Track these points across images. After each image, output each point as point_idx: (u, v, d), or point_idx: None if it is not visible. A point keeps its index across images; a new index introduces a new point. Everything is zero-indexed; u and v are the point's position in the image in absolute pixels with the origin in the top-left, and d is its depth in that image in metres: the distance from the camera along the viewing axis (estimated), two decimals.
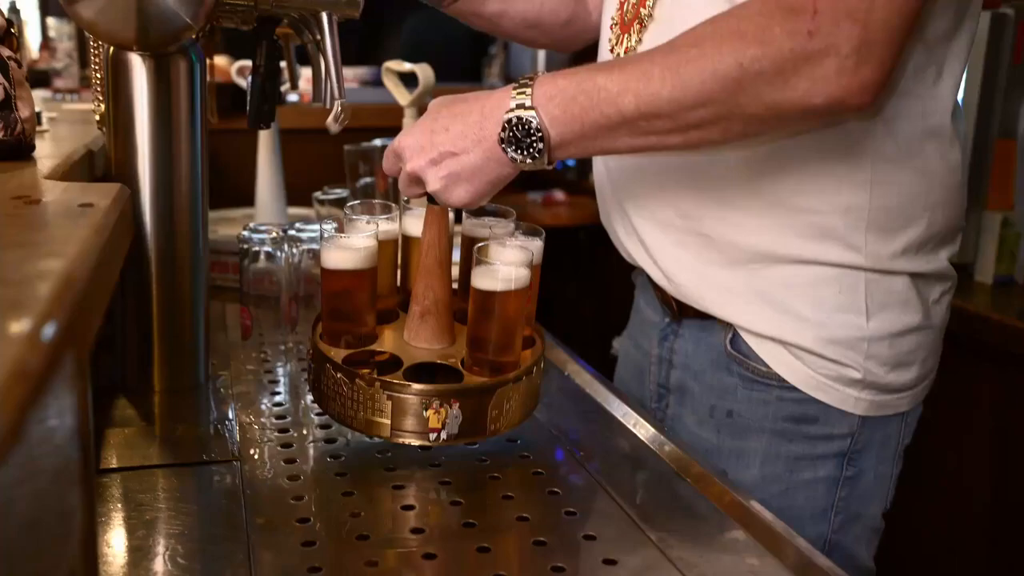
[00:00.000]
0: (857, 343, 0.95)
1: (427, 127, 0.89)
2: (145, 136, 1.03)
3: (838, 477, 1.00)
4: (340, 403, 0.89)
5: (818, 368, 0.97)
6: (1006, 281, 1.93)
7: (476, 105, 0.88)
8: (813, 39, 0.76)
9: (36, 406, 0.40)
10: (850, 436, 0.99)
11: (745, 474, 1.02)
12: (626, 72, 0.82)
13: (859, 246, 0.94)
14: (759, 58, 0.77)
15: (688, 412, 1.09)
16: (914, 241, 0.95)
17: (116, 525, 0.80)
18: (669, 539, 0.81)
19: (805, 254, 0.95)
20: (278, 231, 1.27)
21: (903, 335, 0.97)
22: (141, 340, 1.09)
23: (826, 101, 0.78)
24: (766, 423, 1.00)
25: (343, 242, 0.93)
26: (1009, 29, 1.94)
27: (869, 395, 0.97)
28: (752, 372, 1.00)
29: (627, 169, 1.06)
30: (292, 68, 1.45)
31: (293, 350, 1.26)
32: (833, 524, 1.02)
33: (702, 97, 0.80)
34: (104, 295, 0.64)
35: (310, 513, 0.83)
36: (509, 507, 0.86)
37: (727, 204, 0.97)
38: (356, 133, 1.69)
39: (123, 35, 0.95)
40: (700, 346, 1.06)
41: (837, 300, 0.95)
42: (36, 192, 0.79)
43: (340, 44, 1.08)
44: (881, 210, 0.93)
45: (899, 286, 0.96)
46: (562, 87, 0.84)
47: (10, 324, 0.41)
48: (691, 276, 1.02)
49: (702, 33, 0.80)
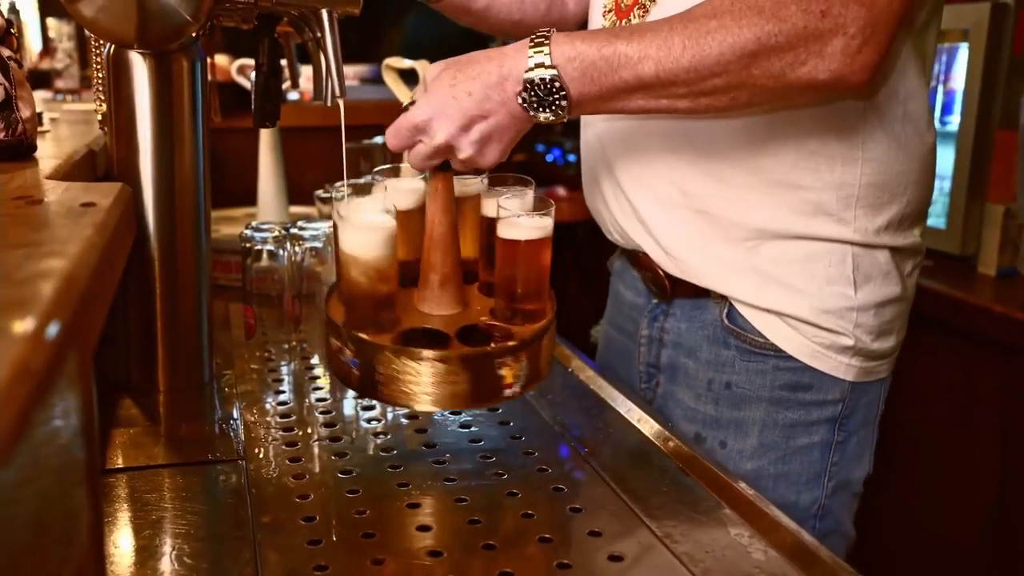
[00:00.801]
0: (847, 312, 1.01)
1: (447, 94, 0.86)
2: (147, 135, 1.03)
3: (830, 442, 1.06)
4: (407, 387, 0.84)
5: (812, 337, 1.02)
6: (1009, 273, 1.92)
7: (493, 65, 0.86)
8: (825, 18, 0.82)
9: (40, 406, 0.40)
10: (841, 402, 1.05)
11: (744, 443, 1.07)
12: (646, 39, 0.84)
13: (848, 220, 1.00)
14: (775, 34, 0.82)
15: (682, 388, 1.12)
16: (895, 217, 1.01)
17: (122, 525, 0.80)
18: (675, 534, 0.80)
19: (799, 230, 1.00)
20: (280, 229, 1.27)
21: (885, 305, 1.03)
22: (145, 340, 1.09)
23: (830, 77, 0.84)
24: (763, 392, 1.05)
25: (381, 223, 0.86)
26: (1009, 19, 1.94)
27: (858, 361, 1.03)
28: (749, 344, 1.05)
29: (628, 151, 1.08)
30: (293, 66, 1.45)
31: (297, 348, 1.26)
32: (826, 489, 1.07)
33: (719, 67, 0.84)
34: (107, 294, 0.64)
35: (316, 511, 0.82)
36: (514, 504, 0.86)
37: (728, 182, 1.01)
38: (356, 130, 1.68)
39: (124, 33, 0.95)
40: (693, 323, 1.10)
41: (827, 273, 1.01)
42: (38, 192, 0.78)
43: (340, 41, 1.07)
44: (870, 186, 0.99)
45: (881, 259, 1.02)
46: (581, 51, 0.85)
47: (13, 324, 0.41)
48: (691, 253, 1.06)
49: (720, 6, 0.84)
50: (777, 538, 0.80)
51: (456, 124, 0.86)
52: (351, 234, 0.85)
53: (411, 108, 0.88)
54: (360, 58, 3.19)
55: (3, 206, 0.72)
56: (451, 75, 0.87)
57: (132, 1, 0.92)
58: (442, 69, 0.88)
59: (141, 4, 0.92)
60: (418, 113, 0.87)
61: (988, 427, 1.74)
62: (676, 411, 1.12)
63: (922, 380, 1.83)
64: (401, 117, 0.88)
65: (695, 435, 1.10)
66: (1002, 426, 1.72)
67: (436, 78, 0.88)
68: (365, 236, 0.85)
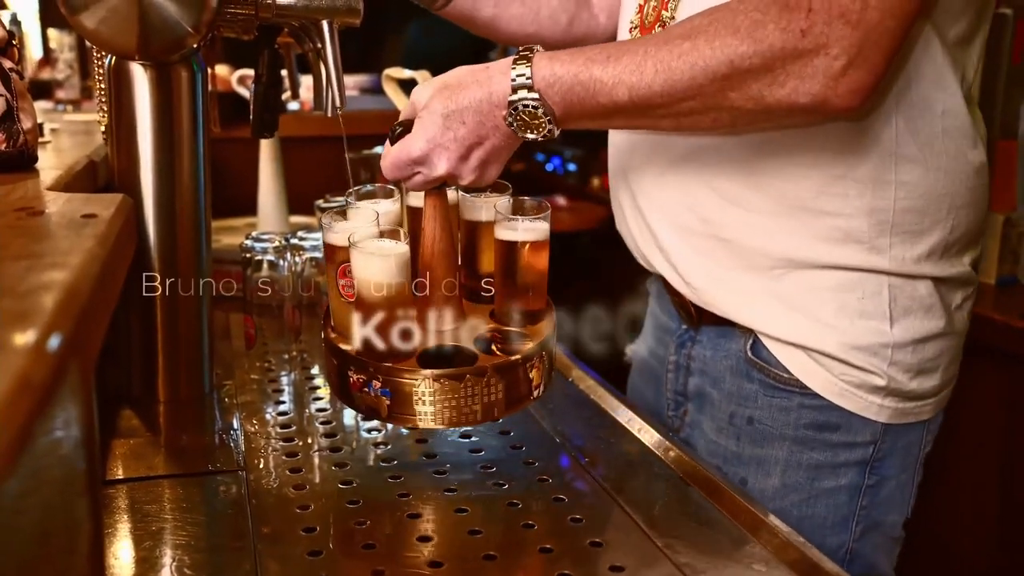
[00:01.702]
0: (881, 349, 0.94)
1: (440, 125, 0.85)
2: (147, 146, 1.03)
3: (860, 485, 0.99)
4: (448, 407, 0.84)
5: (841, 374, 0.95)
6: (1009, 282, 1.92)
7: (482, 91, 0.85)
8: (805, 38, 0.77)
9: (42, 417, 0.40)
10: (872, 444, 0.97)
11: (766, 482, 1.00)
12: (621, 64, 0.82)
13: (883, 249, 0.93)
14: (750, 55, 0.78)
15: (707, 419, 1.07)
16: (939, 244, 0.94)
17: (123, 536, 0.80)
18: (676, 545, 0.80)
19: (828, 258, 0.94)
20: (281, 239, 1.27)
21: (926, 341, 0.96)
22: (145, 350, 1.09)
23: (811, 101, 0.79)
24: (787, 430, 0.99)
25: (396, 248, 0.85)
26: (1008, 29, 1.94)
27: (892, 402, 0.96)
28: (773, 379, 0.99)
29: (646, 174, 1.05)
30: (293, 76, 1.45)
31: (297, 358, 1.26)
32: (854, 533, 1.00)
33: (692, 91, 0.81)
34: (108, 306, 0.64)
35: (316, 522, 0.82)
36: (515, 514, 0.85)
37: (748, 208, 0.96)
38: (357, 140, 1.69)
39: (125, 45, 0.96)
40: (719, 352, 1.04)
41: (860, 305, 0.94)
42: (39, 203, 0.79)
43: (340, 51, 1.07)
44: (906, 212, 0.92)
45: (922, 291, 0.95)
46: (560, 75, 0.83)
47: (15, 336, 0.41)
48: (711, 281, 1.01)
49: (697, 26, 0.81)
50: (781, 550, 0.80)
51: (455, 155, 0.86)
52: (373, 262, 0.84)
53: (407, 140, 0.87)
54: (360, 68, 3.20)
55: (5, 217, 0.72)
56: (443, 103, 0.85)
57: (134, 13, 0.92)
58: (432, 95, 0.86)
59: (143, 16, 0.93)
60: (415, 147, 0.86)
61: (989, 436, 1.74)
62: (700, 442, 1.07)
63: None
64: (398, 149, 0.87)
65: (716, 470, 1.01)
66: (1003, 435, 1.71)
67: (427, 107, 0.86)
68: (383, 263, 0.84)
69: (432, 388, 0.82)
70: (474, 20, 1.22)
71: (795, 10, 0.76)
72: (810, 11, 0.76)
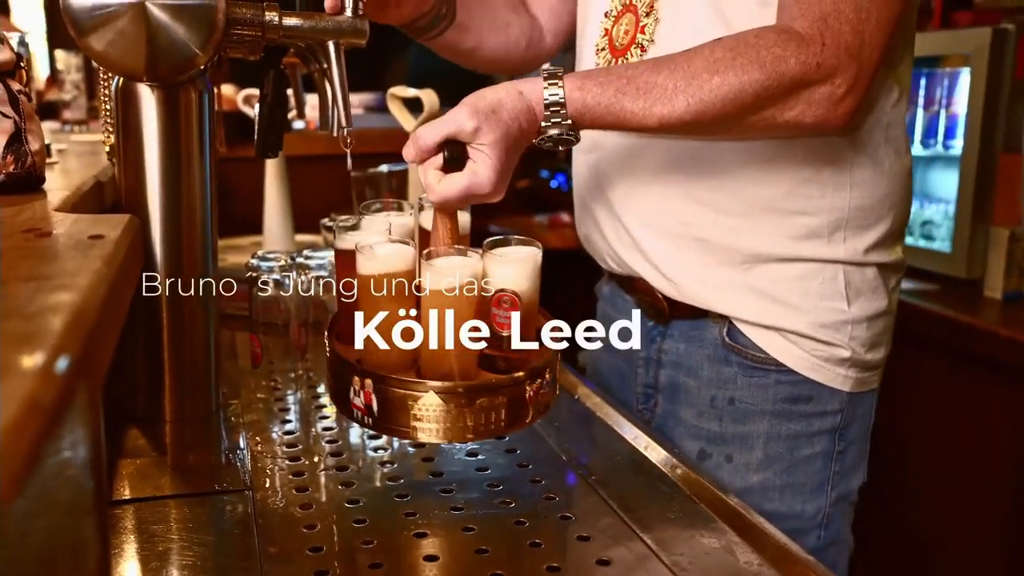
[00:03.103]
0: (842, 326, 1.06)
1: (505, 167, 0.89)
2: (154, 166, 1.04)
3: (831, 451, 1.10)
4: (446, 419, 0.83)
5: (811, 350, 1.07)
6: (1015, 296, 1.92)
7: (521, 130, 0.90)
8: (819, 70, 0.90)
9: (50, 439, 0.40)
10: (840, 412, 1.09)
11: (750, 456, 1.10)
12: (652, 96, 0.91)
13: (838, 242, 1.05)
14: (774, 86, 0.90)
15: (684, 407, 1.15)
16: (881, 236, 1.07)
17: (129, 557, 0.80)
18: (683, 563, 0.80)
19: (793, 252, 1.05)
20: (286, 258, 1.28)
21: (875, 318, 1.09)
22: (152, 370, 1.09)
23: (814, 121, 0.93)
24: (766, 405, 1.09)
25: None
26: (1010, 44, 1.95)
27: (854, 372, 1.08)
28: (751, 360, 1.09)
29: (624, 183, 1.13)
30: (299, 96, 1.46)
31: (303, 377, 1.26)
32: (830, 498, 1.11)
33: (719, 119, 0.92)
34: (115, 326, 0.65)
35: (323, 542, 0.82)
36: (522, 533, 0.85)
37: (725, 211, 1.06)
38: (362, 159, 1.69)
39: (133, 66, 0.96)
40: (692, 344, 1.13)
41: (821, 289, 1.06)
42: (47, 225, 0.79)
43: (346, 71, 1.08)
44: (857, 210, 1.05)
45: (870, 275, 1.08)
46: (591, 106, 0.91)
47: (23, 358, 0.41)
48: (691, 278, 1.10)
49: (721, 59, 0.90)
50: (786, 563, 0.80)
51: (504, 185, 0.90)
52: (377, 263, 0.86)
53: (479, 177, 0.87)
54: (365, 87, 3.21)
55: (13, 239, 0.72)
56: (504, 146, 0.88)
57: (141, 35, 0.93)
58: (480, 125, 0.87)
59: (150, 38, 0.93)
60: (482, 188, 0.88)
61: (998, 449, 1.73)
62: (678, 429, 1.15)
63: (929, 403, 1.82)
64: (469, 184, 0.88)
65: (699, 451, 1.12)
66: (1012, 448, 1.71)
67: (485, 139, 0.88)
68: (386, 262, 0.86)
69: (430, 402, 0.82)
70: (456, 50, 1.28)
71: (811, 44, 0.89)
72: (823, 46, 0.89)
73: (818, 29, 0.89)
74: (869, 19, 0.90)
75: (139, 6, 0.92)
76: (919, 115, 2.20)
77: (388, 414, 0.83)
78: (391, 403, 0.83)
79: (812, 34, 0.89)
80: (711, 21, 1.00)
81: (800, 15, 0.91)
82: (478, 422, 0.82)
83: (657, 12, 1.05)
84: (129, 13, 0.92)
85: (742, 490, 1.06)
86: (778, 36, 0.90)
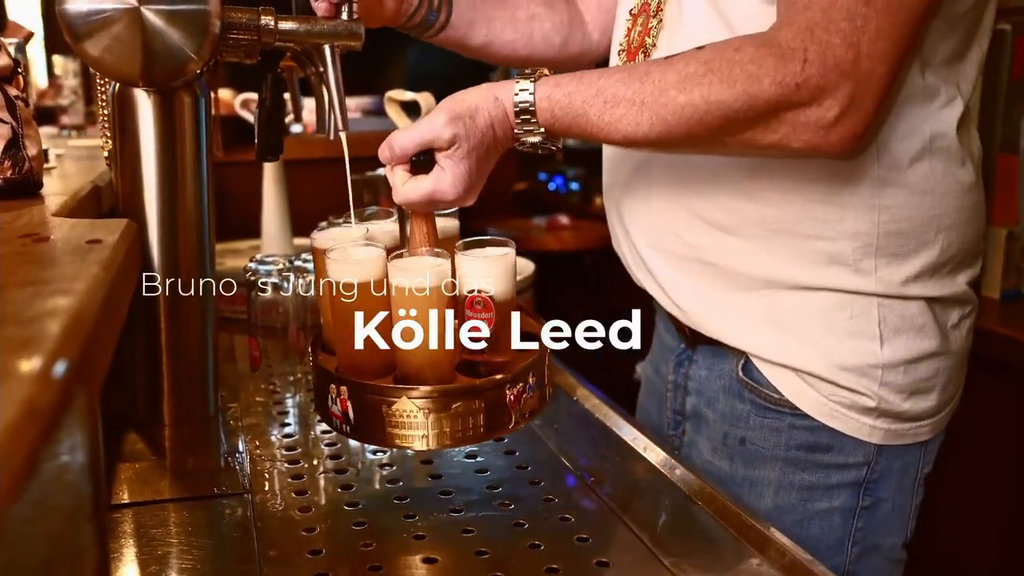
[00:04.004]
0: (870, 370, 0.93)
1: (475, 175, 0.88)
2: (151, 171, 1.04)
3: (854, 507, 0.98)
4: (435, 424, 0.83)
5: (830, 395, 0.94)
6: (1013, 296, 1.92)
7: (496, 138, 0.88)
8: (800, 91, 0.78)
9: (48, 443, 0.40)
10: (866, 465, 0.96)
11: (759, 503, 1.00)
12: (618, 111, 0.84)
13: (868, 272, 0.92)
14: (745, 109, 0.80)
15: (703, 439, 1.07)
16: (928, 265, 0.93)
17: (128, 561, 0.80)
18: (683, 564, 0.80)
19: (814, 281, 0.93)
20: (285, 261, 1.28)
21: (919, 361, 0.94)
22: (150, 374, 1.09)
23: (803, 147, 0.82)
24: (779, 451, 0.98)
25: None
26: (1007, 45, 1.95)
27: (885, 423, 0.95)
28: (764, 399, 0.98)
29: (632, 197, 1.06)
30: (296, 99, 1.46)
31: (302, 380, 1.26)
32: (850, 555, 0.99)
33: (688, 138, 0.84)
34: (113, 330, 0.65)
35: (322, 544, 0.82)
36: (521, 535, 0.85)
37: (731, 233, 0.96)
38: (359, 162, 1.69)
39: (129, 72, 0.96)
40: (713, 372, 1.04)
41: (849, 326, 0.93)
42: (44, 230, 0.79)
43: (342, 74, 1.08)
44: (891, 235, 0.91)
45: (913, 311, 0.94)
46: (559, 116, 0.86)
47: (21, 363, 0.41)
48: (700, 304, 1.01)
49: (692, 75, 0.81)
50: (789, 568, 0.80)
51: (475, 193, 0.89)
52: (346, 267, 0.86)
53: (441, 182, 0.86)
54: (362, 90, 3.22)
55: (11, 244, 0.72)
56: (472, 155, 0.87)
57: (137, 41, 0.93)
58: (455, 133, 0.86)
59: (146, 43, 0.94)
60: (451, 196, 0.87)
61: (997, 449, 1.73)
62: (697, 462, 1.06)
63: None
64: (433, 188, 0.86)
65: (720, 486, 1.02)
66: (1011, 448, 1.71)
67: (453, 145, 0.86)
68: (357, 267, 0.85)
69: (403, 408, 0.81)
70: (466, 46, 1.23)
71: (791, 61, 0.78)
72: (806, 62, 0.77)
73: (801, 42, 0.78)
74: (867, 28, 0.77)
75: (134, 11, 0.92)
76: None
77: (363, 421, 0.82)
78: (366, 410, 0.82)
79: (794, 48, 0.78)
80: (712, 25, 0.93)
81: (786, 23, 0.80)
82: (455, 428, 0.80)
83: (662, 15, 1.00)
84: (124, 18, 0.92)
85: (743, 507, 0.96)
86: (757, 50, 0.79)
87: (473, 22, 1.19)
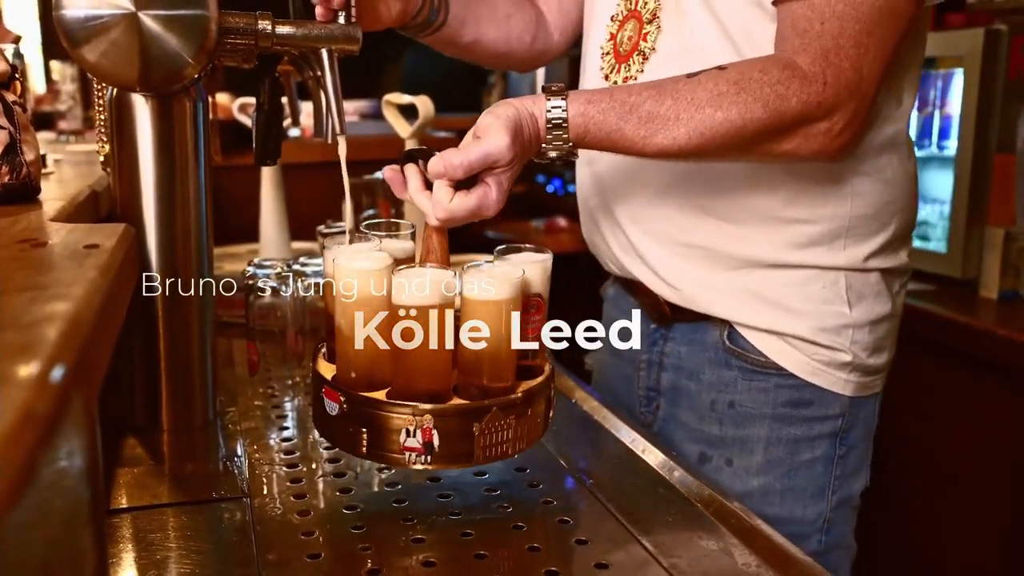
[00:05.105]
0: (843, 330, 1.07)
1: (507, 185, 0.91)
2: (149, 175, 1.04)
3: (832, 456, 1.10)
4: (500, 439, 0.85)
5: (812, 354, 1.07)
6: (1011, 296, 1.93)
7: (528, 152, 0.92)
8: (820, 108, 0.91)
9: (46, 448, 0.40)
10: (841, 416, 1.09)
11: (750, 460, 1.10)
12: (653, 125, 0.92)
13: (838, 250, 1.06)
14: (774, 124, 0.91)
15: (684, 410, 1.16)
16: (884, 242, 1.07)
17: (127, 566, 0.80)
18: (681, 565, 0.80)
19: (793, 259, 1.06)
20: (283, 266, 1.28)
21: (878, 322, 1.09)
22: (149, 378, 1.09)
23: (811, 154, 0.95)
24: (766, 409, 1.09)
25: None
26: (1003, 45, 1.95)
27: (856, 377, 1.08)
28: (751, 364, 1.09)
29: (626, 193, 1.14)
30: (293, 103, 1.46)
31: (300, 384, 1.26)
32: (831, 503, 1.11)
33: (720, 148, 0.93)
34: (111, 335, 0.65)
35: (321, 548, 0.82)
36: (520, 537, 0.85)
37: (725, 220, 1.07)
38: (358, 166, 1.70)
39: (126, 77, 0.96)
40: (694, 346, 1.14)
41: (822, 294, 1.06)
42: (42, 235, 0.79)
43: (340, 78, 1.08)
44: (858, 218, 1.05)
45: (872, 280, 1.08)
46: (592, 131, 0.92)
47: (19, 368, 0.41)
48: (692, 283, 1.11)
49: (725, 95, 0.90)
50: (785, 564, 0.80)
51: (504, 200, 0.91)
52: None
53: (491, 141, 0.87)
54: (360, 94, 3.22)
55: (8, 249, 0.72)
56: (514, 167, 0.90)
57: (134, 46, 0.93)
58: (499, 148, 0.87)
59: (143, 48, 0.94)
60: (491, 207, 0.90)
61: (997, 450, 1.73)
62: (679, 432, 1.16)
63: (927, 404, 1.83)
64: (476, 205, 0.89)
65: (700, 455, 1.13)
66: (1011, 448, 1.71)
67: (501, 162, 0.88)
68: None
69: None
70: (456, 44, 1.28)
71: (813, 83, 0.90)
72: (825, 84, 0.90)
73: (820, 67, 0.90)
74: (867, 54, 0.91)
75: (132, 17, 0.92)
76: (913, 116, 2.21)
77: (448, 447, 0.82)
78: (452, 435, 0.82)
79: (815, 72, 0.90)
80: (712, 33, 1.01)
81: (802, 49, 0.91)
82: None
83: (660, 21, 1.06)
84: (122, 24, 0.92)
85: (742, 494, 1.07)
86: (782, 72, 0.90)
87: (464, 21, 1.24)
